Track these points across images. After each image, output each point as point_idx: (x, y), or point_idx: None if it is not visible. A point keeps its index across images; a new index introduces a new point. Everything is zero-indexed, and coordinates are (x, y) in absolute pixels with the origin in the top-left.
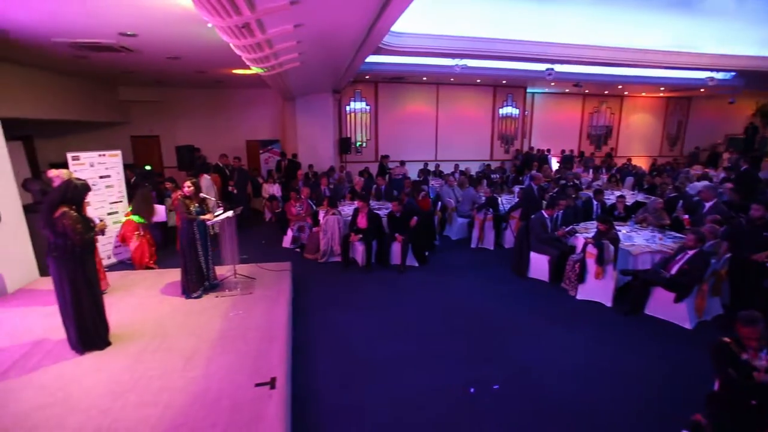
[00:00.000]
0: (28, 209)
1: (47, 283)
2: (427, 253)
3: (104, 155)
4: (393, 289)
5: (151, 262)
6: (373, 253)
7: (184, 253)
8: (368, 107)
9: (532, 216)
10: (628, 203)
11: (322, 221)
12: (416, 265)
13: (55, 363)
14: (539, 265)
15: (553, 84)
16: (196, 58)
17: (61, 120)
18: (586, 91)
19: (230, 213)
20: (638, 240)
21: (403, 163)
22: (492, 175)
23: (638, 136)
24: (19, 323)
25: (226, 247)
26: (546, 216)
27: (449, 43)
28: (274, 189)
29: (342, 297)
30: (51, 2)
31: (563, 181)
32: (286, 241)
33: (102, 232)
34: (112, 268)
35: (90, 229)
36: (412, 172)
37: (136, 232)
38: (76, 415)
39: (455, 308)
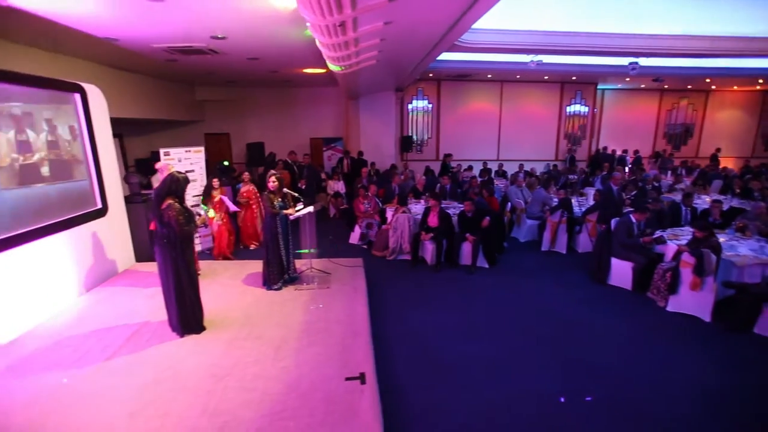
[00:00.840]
0: (127, 200)
1: (143, 267)
2: (496, 255)
3: (190, 151)
4: (465, 289)
5: (229, 251)
6: (443, 253)
7: (266, 246)
8: (430, 105)
9: (618, 219)
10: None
11: (392, 219)
12: (486, 266)
13: (161, 342)
14: (621, 271)
15: (628, 79)
16: (274, 59)
17: (146, 119)
18: (666, 86)
19: (311, 208)
20: (742, 250)
21: (470, 167)
22: (570, 176)
23: (725, 134)
24: (126, 304)
25: (306, 242)
26: (634, 220)
27: (526, 39)
28: (338, 186)
29: (414, 295)
30: (157, 12)
31: (641, 184)
32: (354, 238)
33: (204, 225)
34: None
35: (191, 221)
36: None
37: (218, 214)
38: (185, 394)
39: (532, 312)
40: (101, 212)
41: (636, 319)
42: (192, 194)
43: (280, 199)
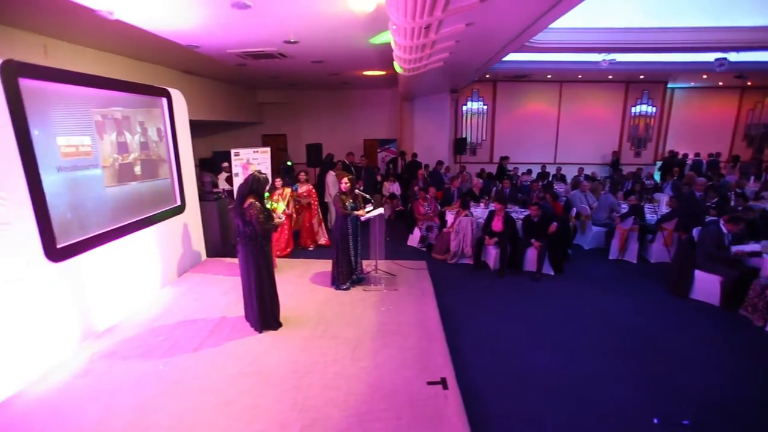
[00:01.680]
0: (200, 198)
1: (214, 263)
2: (562, 262)
3: (258, 152)
4: (532, 296)
5: (288, 250)
6: (506, 258)
7: (336, 246)
8: (485, 107)
9: (703, 228)
10: None
11: (454, 222)
12: (552, 273)
13: (242, 337)
14: (707, 285)
15: (705, 77)
16: (338, 62)
17: (209, 121)
18: (749, 83)
19: (381, 210)
20: None
21: (529, 171)
22: (646, 182)
23: None
24: (205, 298)
25: (375, 243)
26: (725, 231)
27: (599, 36)
28: (393, 187)
29: (480, 300)
30: (240, 19)
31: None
32: (412, 240)
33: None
34: None
35: (270, 219)
36: (531, 175)
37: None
38: (272, 388)
39: (607, 324)
40: (180, 209)
41: (729, 338)
42: None
43: (351, 200)
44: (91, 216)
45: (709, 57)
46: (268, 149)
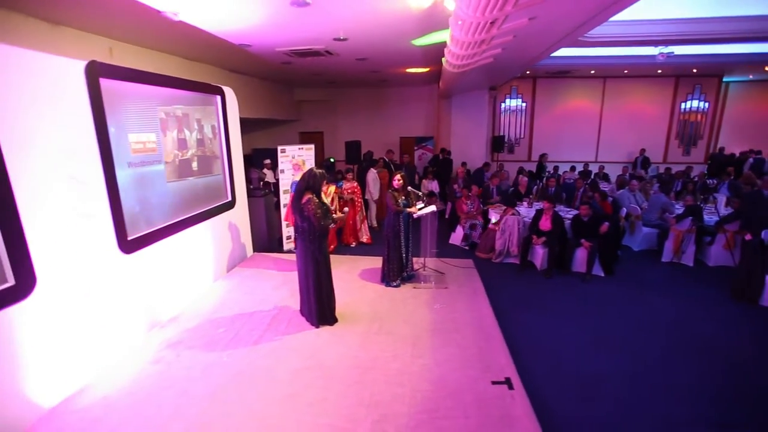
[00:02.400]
0: (248, 194)
1: (261, 259)
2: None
3: (302, 148)
4: (584, 298)
5: (332, 247)
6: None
7: (387, 243)
8: (524, 104)
9: None
10: None
11: (500, 220)
12: (602, 274)
13: (299, 331)
14: None
15: (767, 68)
16: (381, 59)
17: (249, 118)
18: None
19: (433, 207)
20: None
21: (573, 168)
22: (708, 180)
23: None
24: (257, 292)
25: (426, 240)
26: None
27: (659, 29)
28: (432, 185)
29: (530, 300)
30: (297, 16)
31: None
32: (455, 238)
33: (342, 221)
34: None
35: (328, 215)
36: (575, 173)
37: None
38: (336, 382)
39: (667, 329)
40: (230, 205)
41: None
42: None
43: (403, 197)
44: (154, 210)
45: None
46: (312, 146)
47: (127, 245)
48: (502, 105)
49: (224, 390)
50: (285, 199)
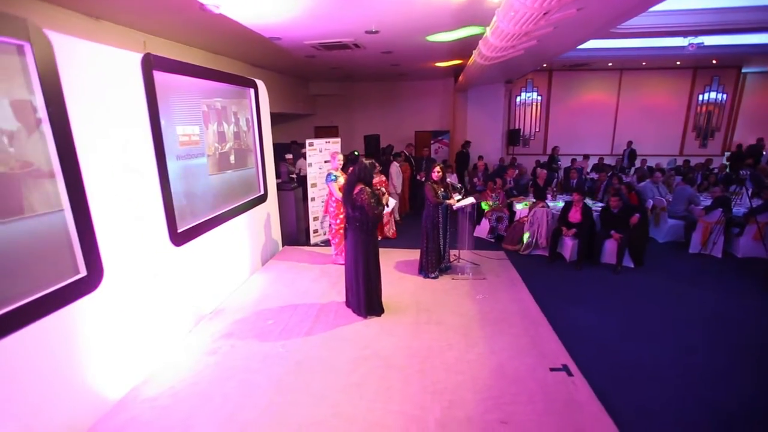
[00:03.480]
0: (278, 188)
1: (292, 252)
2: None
3: (329, 142)
4: (615, 288)
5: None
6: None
7: (426, 235)
8: (539, 97)
9: None
10: None
11: (529, 213)
12: (632, 266)
13: (349, 322)
14: None
15: None
16: (407, 52)
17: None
18: None
19: (472, 199)
20: None
21: (587, 156)
22: (741, 172)
23: None
24: (297, 284)
25: (464, 232)
26: None
27: (691, 19)
28: (452, 178)
29: (563, 291)
30: (340, 8)
31: None
32: (479, 231)
33: (387, 204)
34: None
35: (380, 203)
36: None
37: None
38: (396, 371)
39: (707, 320)
40: (263, 198)
41: None
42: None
43: (442, 189)
44: (198, 203)
45: None
46: (339, 140)
47: (178, 238)
48: (518, 98)
49: (287, 379)
50: (312, 192)
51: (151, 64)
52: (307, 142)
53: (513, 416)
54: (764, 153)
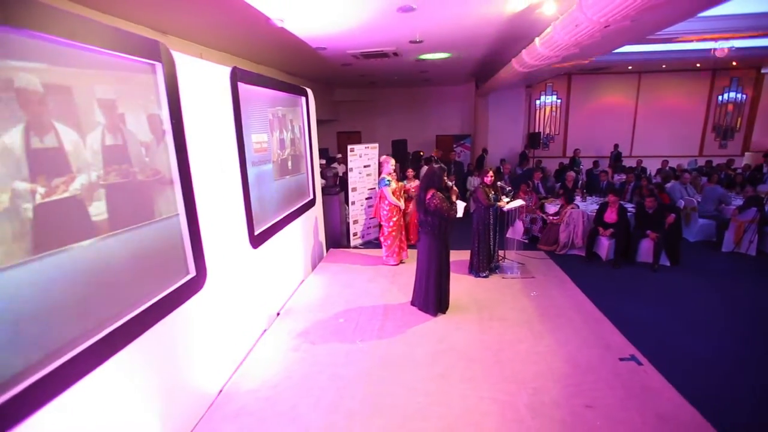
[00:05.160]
0: (323, 192)
1: (341, 254)
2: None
3: (368, 147)
4: (655, 286)
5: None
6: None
7: (477, 236)
8: (559, 100)
9: None
10: None
11: (563, 214)
12: (668, 264)
13: (417, 319)
14: None
15: None
16: (439, 61)
17: None
18: None
19: (521, 201)
20: None
21: (596, 163)
22: None
23: None
24: (355, 284)
25: (514, 234)
26: None
27: (721, 24)
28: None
29: (605, 288)
30: (396, 20)
31: None
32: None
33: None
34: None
35: (453, 206)
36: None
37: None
38: (476, 363)
39: (747, 315)
40: (313, 202)
41: None
42: (368, 187)
43: (493, 192)
44: (267, 207)
45: None
46: (377, 145)
47: (255, 240)
48: (537, 102)
49: (376, 372)
50: (353, 196)
51: (236, 77)
52: (348, 147)
53: (596, 401)
54: None
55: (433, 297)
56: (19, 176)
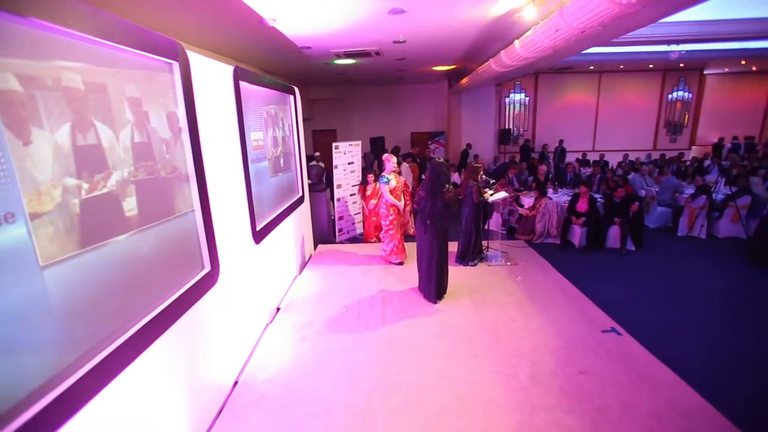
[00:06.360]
0: (310, 189)
1: (330, 250)
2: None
3: (352, 144)
4: (625, 268)
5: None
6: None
7: (468, 228)
8: (527, 98)
9: None
10: None
11: (538, 206)
12: (633, 248)
13: (416, 305)
14: None
15: (743, 62)
16: (419, 59)
17: None
18: None
19: (505, 193)
20: None
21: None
22: (723, 162)
23: None
24: (351, 277)
25: (496, 225)
26: None
27: (673, 30)
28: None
29: (579, 273)
30: (385, 22)
31: None
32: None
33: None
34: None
35: (459, 201)
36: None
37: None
38: (476, 342)
39: (712, 290)
40: (302, 200)
41: None
42: (351, 183)
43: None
44: (264, 204)
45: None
46: (359, 143)
47: (257, 236)
48: (506, 99)
49: (386, 355)
50: (338, 193)
51: (238, 75)
52: (334, 145)
53: (587, 368)
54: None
55: (434, 286)
56: (68, 172)
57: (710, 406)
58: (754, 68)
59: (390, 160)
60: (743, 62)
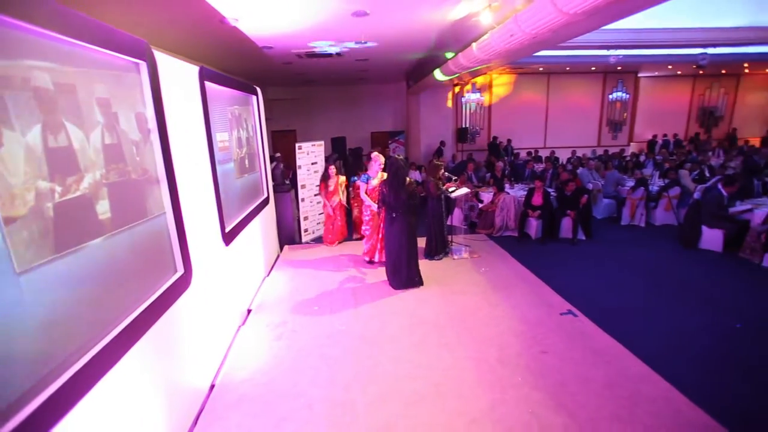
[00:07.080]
0: (275, 189)
1: (297, 250)
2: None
3: (315, 145)
4: (577, 256)
5: (341, 238)
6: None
7: (432, 225)
8: (482, 98)
9: (708, 193)
10: None
11: (497, 201)
12: (584, 238)
13: (386, 297)
14: (712, 238)
15: (670, 67)
16: (380, 61)
17: None
18: (700, 72)
19: (466, 189)
20: None
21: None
22: (657, 157)
23: (756, 116)
24: (321, 275)
25: (459, 221)
26: (725, 193)
27: (617, 36)
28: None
29: (537, 262)
30: (347, 24)
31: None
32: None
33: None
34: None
35: (420, 196)
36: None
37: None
38: (448, 331)
39: (649, 271)
40: (267, 201)
41: (738, 272)
42: (315, 184)
43: (440, 182)
44: (232, 205)
45: (680, 51)
46: (322, 143)
47: (226, 237)
48: (463, 99)
49: (361, 348)
50: (302, 193)
51: (204, 76)
52: (297, 145)
53: (548, 347)
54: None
55: (405, 274)
56: (41, 175)
57: (654, 372)
58: (679, 72)
59: (377, 161)
60: (670, 67)
